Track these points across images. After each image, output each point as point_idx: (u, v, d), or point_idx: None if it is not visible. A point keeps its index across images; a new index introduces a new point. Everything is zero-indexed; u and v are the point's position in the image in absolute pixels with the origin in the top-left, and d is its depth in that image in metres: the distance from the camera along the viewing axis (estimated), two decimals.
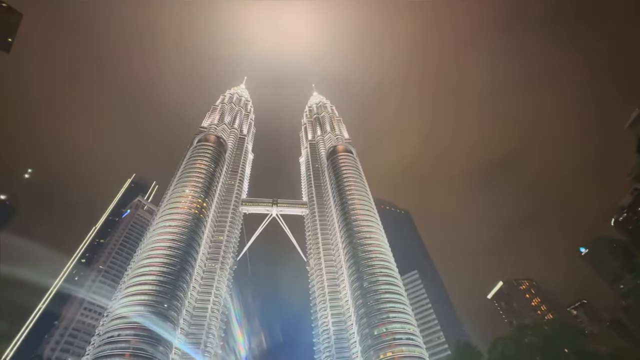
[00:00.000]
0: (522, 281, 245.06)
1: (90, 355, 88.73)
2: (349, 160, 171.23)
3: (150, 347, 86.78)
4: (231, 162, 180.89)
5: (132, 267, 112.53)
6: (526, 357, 38.30)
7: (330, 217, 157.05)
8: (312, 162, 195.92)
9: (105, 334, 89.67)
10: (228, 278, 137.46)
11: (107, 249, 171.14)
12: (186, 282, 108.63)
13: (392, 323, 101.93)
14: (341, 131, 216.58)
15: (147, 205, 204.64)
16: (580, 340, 38.63)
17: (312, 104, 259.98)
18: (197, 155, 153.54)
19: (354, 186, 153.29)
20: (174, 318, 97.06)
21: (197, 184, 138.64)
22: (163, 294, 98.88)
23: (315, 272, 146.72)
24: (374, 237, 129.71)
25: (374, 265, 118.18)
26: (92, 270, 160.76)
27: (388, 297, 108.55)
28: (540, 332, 40.30)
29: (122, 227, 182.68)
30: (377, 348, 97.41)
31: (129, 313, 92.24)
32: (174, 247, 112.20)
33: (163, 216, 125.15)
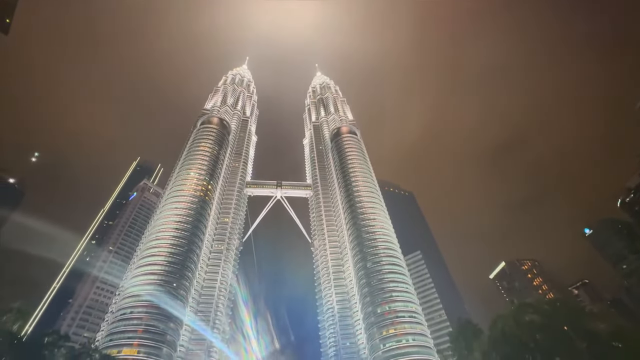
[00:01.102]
0: (525, 262, 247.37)
1: (105, 331, 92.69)
2: (353, 142, 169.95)
3: (161, 324, 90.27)
4: (235, 145, 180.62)
5: (141, 248, 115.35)
6: (526, 335, 39.04)
7: (335, 199, 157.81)
8: (316, 144, 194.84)
9: (118, 311, 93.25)
10: (234, 259, 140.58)
11: (116, 230, 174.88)
12: (194, 262, 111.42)
13: (394, 302, 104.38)
14: (345, 112, 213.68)
15: (153, 188, 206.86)
16: (580, 318, 39.20)
17: (315, 85, 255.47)
18: (200, 138, 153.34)
19: (358, 168, 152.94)
20: (183, 296, 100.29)
21: (201, 166, 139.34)
22: (172, 273, 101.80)
23: (320, 253, 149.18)
24: (377, 218, 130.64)
25: (377, 246, 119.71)
26: (102, 250, 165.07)
27: (391, 277, 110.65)
28: (541, 311, 40.90)
29: (129, 210, 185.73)
30: (380, 325, 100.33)
31: (140, 291, 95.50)
32: (181, 229, 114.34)
33: (169, 199, 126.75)
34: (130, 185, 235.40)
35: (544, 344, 38.00)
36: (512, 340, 39.55)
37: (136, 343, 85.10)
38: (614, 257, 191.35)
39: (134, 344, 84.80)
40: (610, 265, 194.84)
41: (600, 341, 36.09)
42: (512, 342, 39.60)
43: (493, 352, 42.25)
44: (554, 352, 37.90)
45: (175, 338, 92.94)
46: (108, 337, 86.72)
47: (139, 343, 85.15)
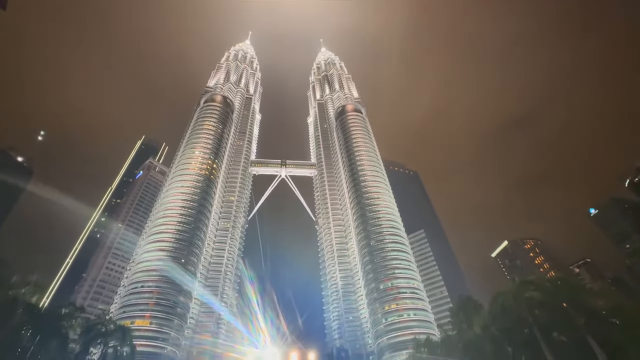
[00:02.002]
0: (528, 241, 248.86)
1: (118, 303, 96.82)
2: (358, 120, 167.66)
3: (172, 297, 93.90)
4: (239, 123, 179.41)
5: (149, 225, 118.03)
6: (525, 310, 39.82)
7: (339, 177, 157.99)
8: (321, 123, 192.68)
9: (130, 285, 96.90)
10: (240, 236, 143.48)
11: (124, 208, 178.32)
12: (201, 239, 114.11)
13: (397, 278, 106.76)
14: (350, 90, 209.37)
15: (158, 166, 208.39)
16: (580, 295, 39.72)
17: (320, 61, 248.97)
18: (204, 116, 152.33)
19: (362, 147, 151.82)
20: (191, 271, 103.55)
21: (206, 145, 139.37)
22: (180, 250, 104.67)
23: (324, 231, 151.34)
24: (381, 197, 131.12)
25: (381, 224, 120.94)
26: (112, 228, 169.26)
27: (394, 255, 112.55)
28: (541, 288, 41.49)
29: (136, 188, 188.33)
30: (382, 301, 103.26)
31: (151, 266, 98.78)
32: (188, 207, 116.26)
33: (175, 177, 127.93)
34: (136, 163, 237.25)
35: (542, 319, 38.90)
36: (512, 315, 40.49)
37: (148, 315, 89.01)
38: (618, 237, 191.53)
39: (146, 316, 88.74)
40: (614, 245, 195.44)
41: (598, 317, 36.82)
42: (511, 316, 40.56)
43: (492, 326, 43.44)
44: (552, 327, 38.85)
45: (185, 311, 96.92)
46: (121, 309, 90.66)
47: (150, 315, 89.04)
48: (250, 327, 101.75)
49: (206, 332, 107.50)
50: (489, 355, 43.55)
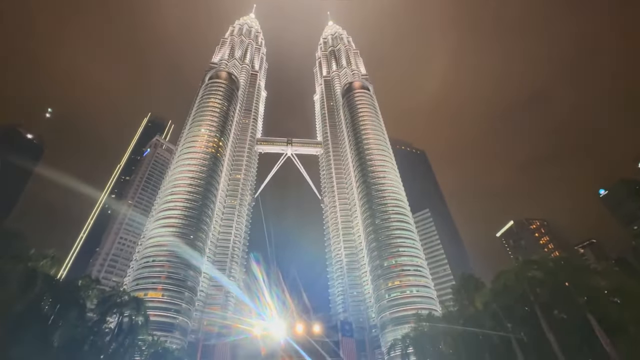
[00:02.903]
0: (534, 221, 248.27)
1: (131, 276, 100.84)
2: (365, 98, 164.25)
3: (182, 271, 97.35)
4: (244, 100, 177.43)
5: (158, 202, 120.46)
6: (527, 289, 40.35)
7: (345, 156, 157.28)
8: (327, 100, 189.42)
9: (142, 259, 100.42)
10: (247, 214, 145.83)
11: (133, 185, 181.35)
12: (208, 216, 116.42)
13: (401, 256, 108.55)
14: (358, 66, 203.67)
15: (165, 144, 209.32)
16: (583, 275, 39.95)
17: (327, 35, 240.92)
18: (209, 94, 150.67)
19: (369, 125, 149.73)
20: (200, 247, 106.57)
21: (212, 123, 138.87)
22: (189, 226, 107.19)
23: (330, 209, 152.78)
24: (387, 176, 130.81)
25: (386, 203, 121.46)
26: (122, 205, 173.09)
27: (398, 234, 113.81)
28: (544, 267, 41.77)
29: (144, 166, 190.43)
30: (386, 277, 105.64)
31: (161, 242, 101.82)
32: (195, 185, 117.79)
33: (182, 155, 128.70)
34: (143, 141, 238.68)
35: (543, 298, 39.51)
36: (513, 293, 41.15)
37: (160, 287, 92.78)
38: (626, 218, 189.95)
39: (158, 288, 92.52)
40: (621, 226, 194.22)
41: (600, 296, 37.21)
42: (512, 294, 41.23)
43: (493, 303, 44.37)
44: (552, 305, 39.50)
45: (195, 284, 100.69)
46: (134, 281, 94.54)
47: (162, 288, 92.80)
48: (257, 302, 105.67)
49: (215, 305, 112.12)
50: (488, 329, 44.82)
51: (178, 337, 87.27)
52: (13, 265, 29.68)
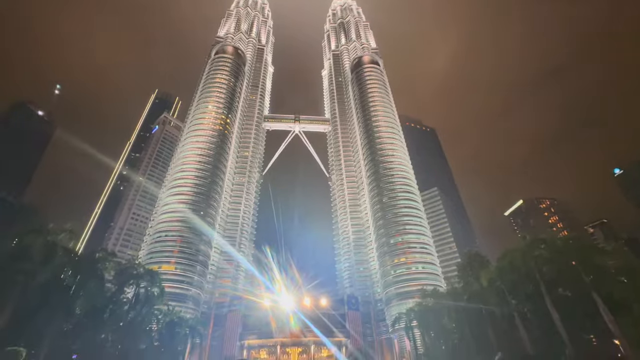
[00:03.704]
0: (544, 200, 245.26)
1: (145, 250, 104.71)
2: (374, 73, 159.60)
3: (193, 246, 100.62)
4: (251, 76, 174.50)
5: (168, 179, 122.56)
6: (532, 267, 40.50)
7: (353, 133, 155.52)
8: (336, 76, 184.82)
9: (155, 234, 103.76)
10: (255, 191, 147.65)
11: (143, 162, 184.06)
12: (218, 193, 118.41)
13: (407, 234, 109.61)
14: (367, 39, 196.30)
15: (173, 121, 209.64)
16: (590, 254, 39.77)
17: (335, 7, 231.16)
18: (216, 69, 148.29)
19: (378, 102, 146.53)
20: (210, 223, 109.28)
21: (219, 99, 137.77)
22: (199, 203, 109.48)
23: (337, 187, 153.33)
24: (396, 154, 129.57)
25: (394, 182, 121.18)
26: (133, 181, 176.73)
27: (406, 212, 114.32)
28: (552, 246, 41.66)
29: (153, 143, 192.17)
30: (392, 254, 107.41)
31: (172, 218, 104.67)
32: (204, 162, 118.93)
33: (190, 132, 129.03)
34: (151, 118, 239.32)
35: (549, 276, 39.76)
36: (519, 271, 41.46)
37: (173, 261, 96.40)
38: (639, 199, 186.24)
39: (171, 262, 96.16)
40: (634, 207, 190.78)
41: (606, 275, 37.22)
42: (518, 272, 41.56)
43: (498, 280, 44.93)
44: (558, 283, 39.78)
45: (206, 258, 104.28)
46: (148, 255, 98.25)
47: (175, 261, 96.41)
48: (266, 275, 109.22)
49: (226, 278, 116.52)
50: (492, 306, 45.72)
51: (191, 307, 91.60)
52: (34, 239, 31.06)
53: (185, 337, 59.86)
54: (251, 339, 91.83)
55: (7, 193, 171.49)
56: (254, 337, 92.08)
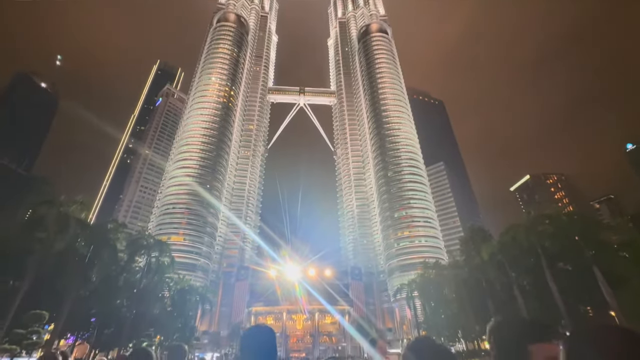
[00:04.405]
0: (551, 175, 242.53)
1: (154, 222, 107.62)
2: (382, 43, 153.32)
3: (201, 217, 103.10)
4: (255, 46, 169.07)
5: (174, 153, 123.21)
6: (535, 242, 40.85)
7: (359, 106, 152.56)
8: (342, 45, 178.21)
9: (162, 206, 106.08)
10: (260, 164, 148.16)
11: (148, 135, 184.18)
12: (223, 166, 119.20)
13: (412, 208, 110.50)
14: (376, 5, 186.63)
15: (176, 93, 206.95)
16: (594, 229, 39.88)
17: None
18: (218, 39, 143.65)
19: (386, 73, 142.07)
20: (217, 195, 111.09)
21: (222, 71, 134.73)
22: (205, 176, 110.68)
23: (342, 161, 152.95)
24: (402, 128, 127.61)
25: (399, 156, 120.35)
26: (140, 154, 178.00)
27: (410, 186, 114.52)
28: (556, 222, 41.74)
29: (157, 115, 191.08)
30: (396, 227, 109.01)
31: (179, 190, 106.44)
32: (209, 135, 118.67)
33: (194, 105, 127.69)
34: (154, 90, 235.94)
35: (551, 250, 40.22)
36: (521, 245, 41.95)
37: (181, 232, 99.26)
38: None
39: (180, 233, 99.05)
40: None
41: (608, 250, 37.54)
42: (520, 246, 42.07)
43: (499, 254, 45.65)
44: (559, 257, 40.32)
45: (213, 229, 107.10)
46: (158, 226, 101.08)
47: (183, 233, 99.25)
48: (271, 247, 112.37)
49: (234, 249, 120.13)
50: (492, 278, 46.84)
51: (201, 276, 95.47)
52: (47, 209, 32.02)
53: (196, 303, 62.89)
54: (258, 306, 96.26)
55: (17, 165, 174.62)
56: (260, 304, 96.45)
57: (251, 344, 2.11)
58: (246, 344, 2.14)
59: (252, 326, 2.25)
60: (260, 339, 2.14)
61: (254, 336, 2.18)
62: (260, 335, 2.16)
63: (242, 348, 2.17)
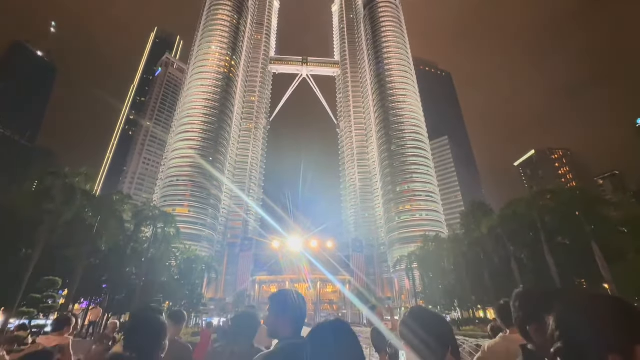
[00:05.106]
0: (556, 151, 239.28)
1: (159, 194, 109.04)
2: (389, 10, 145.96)
3: (204, 190, 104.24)
4: (255, 12, 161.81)
5: (176, 125, 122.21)
6: (535, 217, 41.19)
7: (364, 77, 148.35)
8: (347, 12, 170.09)
9: (166, 178, 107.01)
10: (263, 137, 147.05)
11: (149, 106, 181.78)
12: (225, 139, 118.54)
13: (414, 182, 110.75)
14: None
15: (176, 63, 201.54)
16: (595, 204, 40.00)
17: None
18: (217, 4, 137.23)
19: (392, 43, 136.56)
20: (219, 169, 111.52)
21: (222, 39, 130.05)
22: (207, 149, 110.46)
23: (345, 135, 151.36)
24: (407, 101, 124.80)
25: (403, 129, 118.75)
26: (141, 125, 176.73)
27: (413, 160, 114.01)
28: (558, 197, 41.84)
29: (157, 86, 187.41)
30: (397, 201, 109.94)
31: (182, 163, 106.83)
32: (210, 107, 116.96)
33: (194, 76, 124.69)
34: (152, 59, 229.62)
35: (551, 225, 40.67)
36: (521, 220, 42.39)
37: (186, 204, 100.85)
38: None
39: (185, 205, 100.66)
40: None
41: (607, 225, 37.87)
42: (520, 221, 42.53)
43: (499, 228, 46.28)
44: (558, 232, 40.84)
45: (217, 202, 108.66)
46: (162, 198, 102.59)
47: (188, 204, 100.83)
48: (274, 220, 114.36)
49: (238, 221, 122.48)
50: (490, 252, 47.84)
51: (206, 246, 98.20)
52: (53, 181, 32.40)
53: (202, 272, 65.28)
54: (262, 275, 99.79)
55: (20, 136, 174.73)
56: (264, 273, 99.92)
57: (285, 301, 2.05)
58: (276, 304, 2.07)
59: (282, 290, 2.19)
60: (292, 301, 2.07)
61: (285, 296, 2.10)
62: (290, 296, 2.10)
63: (273, 308, 2.07)
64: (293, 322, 1.96)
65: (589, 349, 0.89)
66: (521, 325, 1.57)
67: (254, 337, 2.86)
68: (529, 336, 1.49)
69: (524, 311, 1.60)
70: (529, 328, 1.50)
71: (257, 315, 2.91)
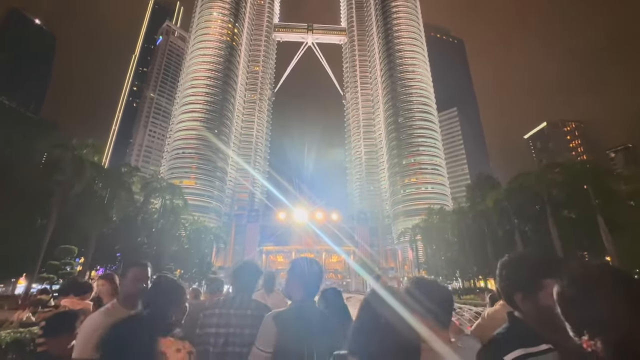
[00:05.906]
0: (569, 123, 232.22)
1: (165, 166, 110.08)
2: None
3: (210, 162, 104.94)
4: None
5: (180, 96, 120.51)
6: (543, 190, 40.83)
7: (371, 45, 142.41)
8: None
9: (172, 151, 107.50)
10: (267, 109, 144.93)
11: (152, 77, 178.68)
12: (230, 110, 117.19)
13: (420, 155, 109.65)
14: None
15: (177, 31, 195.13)
16: (604, 178, 39.37)
17: None
18: None
19: (403, 8, 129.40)
20: (224, 141, 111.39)
21: (223, 4, 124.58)
22: (212, 120, 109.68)
23: (352, 106, 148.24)
24: (417, 70, 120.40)
25: (411, 101, 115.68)
26: (145, 96, 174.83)
27: (420, 133, 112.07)
28: (567, 171, 41.19)
29: (159, 56, 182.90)
30: (403, 174, 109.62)
31: (187, 135, 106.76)
32: (213, 78, 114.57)
33: (195, 45, 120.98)
34: (153, 27, 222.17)
35: (557, 198, 40.40)
36: (528, 193, 42.12)
37: (192, 176, 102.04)
38: None
39: (191, 177, 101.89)
40: None
41: (615, 199, 37.46)
42: (526, 194, 42.27)
43: (505, 201, 46.21)
44: (565, 205, 40.63)
45: (223, 174, 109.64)
46: (169, 170, 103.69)
47: (194, 177, 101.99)
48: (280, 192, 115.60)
49: (244, 193, 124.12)
50: (494, 224, 48.13)
51: (214, 217, 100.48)
52: (62, 153, 32.77)
53: (210, 242, 67.35)
54: (269, 246, 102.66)
55: (25, 108, 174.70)
56: (271, 244, 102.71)
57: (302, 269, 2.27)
58: (295, 271, 2.28)
59: (297, 258, 2.39)
60: (301, 268, 2.28)
61: (296, 264, 2.32)
62: (300, 264, 2.31)
63: (288, 273, 2.31)
64: (304, 286, 2.23)
65: (595, 321, 0.89)
66: (507, 295, 1.59)
67: (255, 284, 3.08)
68: (515, 304, 1.52)
69: (510, 280, 1.60)
70: (515, 297, 1.52)
71: (258, 266, 3.10)
